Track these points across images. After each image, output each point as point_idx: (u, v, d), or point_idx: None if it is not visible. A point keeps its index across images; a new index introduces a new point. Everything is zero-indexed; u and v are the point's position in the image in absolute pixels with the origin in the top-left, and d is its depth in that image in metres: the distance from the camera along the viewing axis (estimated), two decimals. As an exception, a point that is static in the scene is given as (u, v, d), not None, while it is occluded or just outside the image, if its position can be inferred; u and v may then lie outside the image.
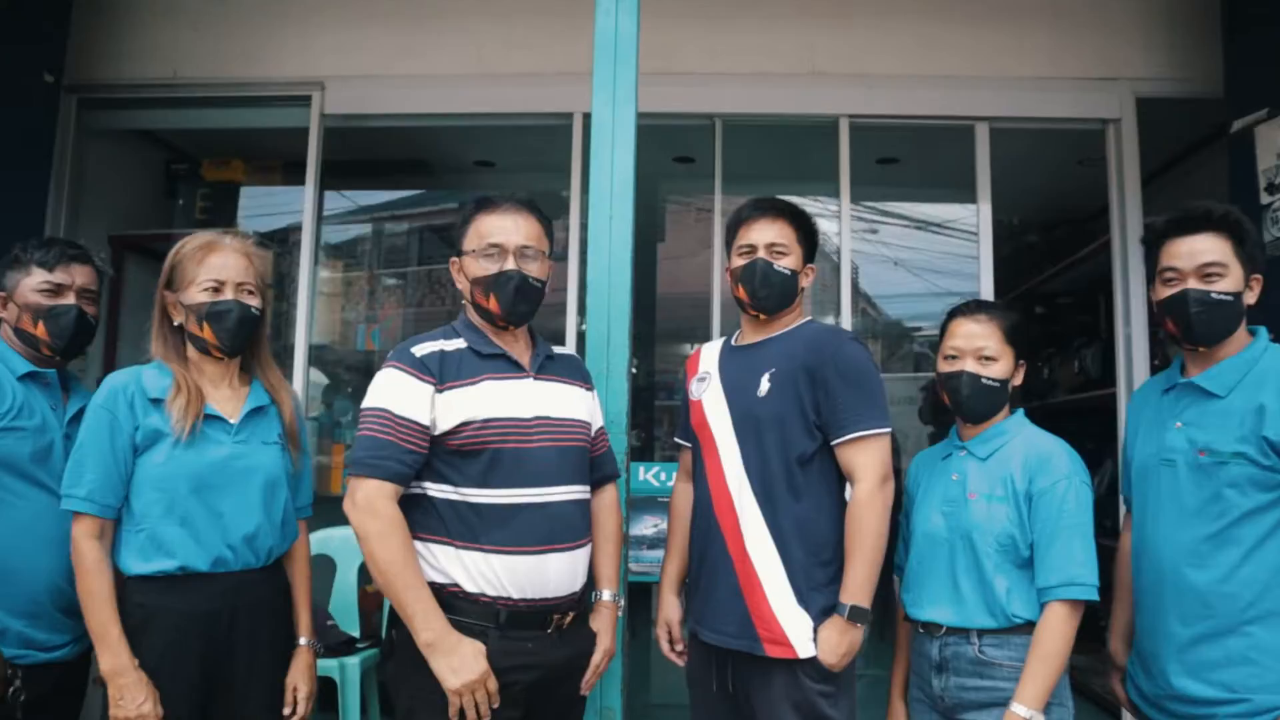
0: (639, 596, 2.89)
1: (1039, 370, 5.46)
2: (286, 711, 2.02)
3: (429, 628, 1.83)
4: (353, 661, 3.25)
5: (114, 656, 1.83)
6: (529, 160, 4.83)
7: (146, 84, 4.08)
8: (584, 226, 2.81)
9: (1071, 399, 4.84)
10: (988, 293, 3.88)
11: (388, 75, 4.01)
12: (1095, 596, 1.88)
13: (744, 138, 4.17)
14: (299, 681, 2.06)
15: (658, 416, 5.44)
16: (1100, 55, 3.92)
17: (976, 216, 3.96)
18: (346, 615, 3.54)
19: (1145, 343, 3.80)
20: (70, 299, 2.11)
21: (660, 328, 5.49)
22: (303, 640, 2.10)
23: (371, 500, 1.85)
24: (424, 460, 1.91)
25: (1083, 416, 4.56)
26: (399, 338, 5.03)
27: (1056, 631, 1.86)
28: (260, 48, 4.03)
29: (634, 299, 2.37)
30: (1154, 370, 3.87)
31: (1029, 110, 3.95)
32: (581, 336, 3.25)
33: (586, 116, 3.12)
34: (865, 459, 2.05)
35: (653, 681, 4.23)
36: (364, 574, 3.75)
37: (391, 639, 1.97)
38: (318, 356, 4.39)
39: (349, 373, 4.79)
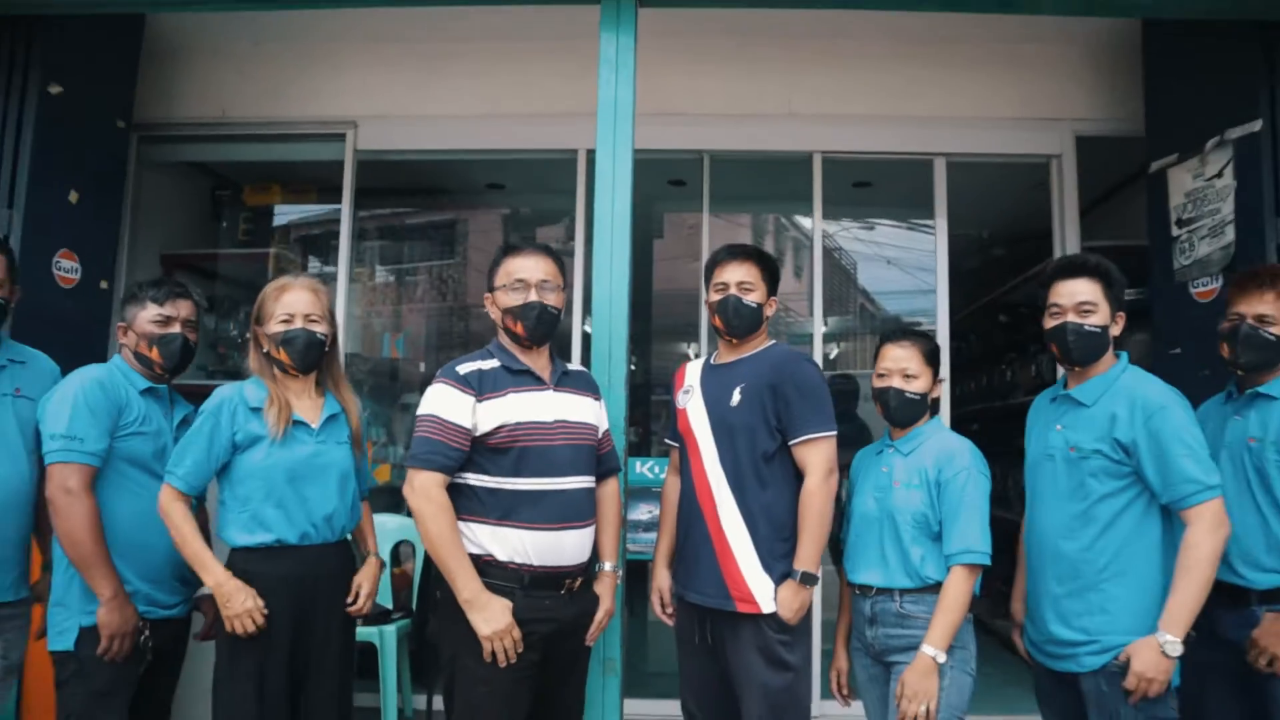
0: (637, 577, 3.36)
1: (1002, 373, 5.99)
2: (348, 600, 2.54)
3: (467, 588, 2.36)
4: (390, 629, 3.79)
5: (213, 573, 2.36)
6: (535, 183, 5.36)
7: (198, 122, 4.59)
8: (588, 240, 3.35)
9: (1028, 399, 5.34)
10: (944, 301, 4.42)
11: (412, 116, 4.52)
12: (988, 561, 2.40)
13: (729, 168, 4.69)
14: (365, 581, 2.60)
15: (654, 411, 5.92)
16: (1044, 98, 4.43)
17: (935, 235, 4.49)
18: (380, 592, 4.06)
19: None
20: (177, 328, 2.62)
21: (656, 324, 5.97)
22: (371, 554, 2.65)
23: (426, 488, 2.38)
24: (467, 456, 2.43)
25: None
26: (420, 344, 5.58)
27: (958, 589, 2.38)
28: (299, 91, 4.53)
29: (631, 309, 2.90)
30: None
31: (980, 147, 4.47)
32: (586, 337, 3.78)
33: (590, 152, 3.67)
34: (815, 456, 2.58)
35: (649, 654, 4.76)
36: (394, 557, 4.29)
37: (436, 598, 2.49)
38: (349, 363, 4.91)
39: (375, 377, 5.30)
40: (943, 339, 4.36)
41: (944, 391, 4.37)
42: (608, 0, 3.16)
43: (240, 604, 2.33)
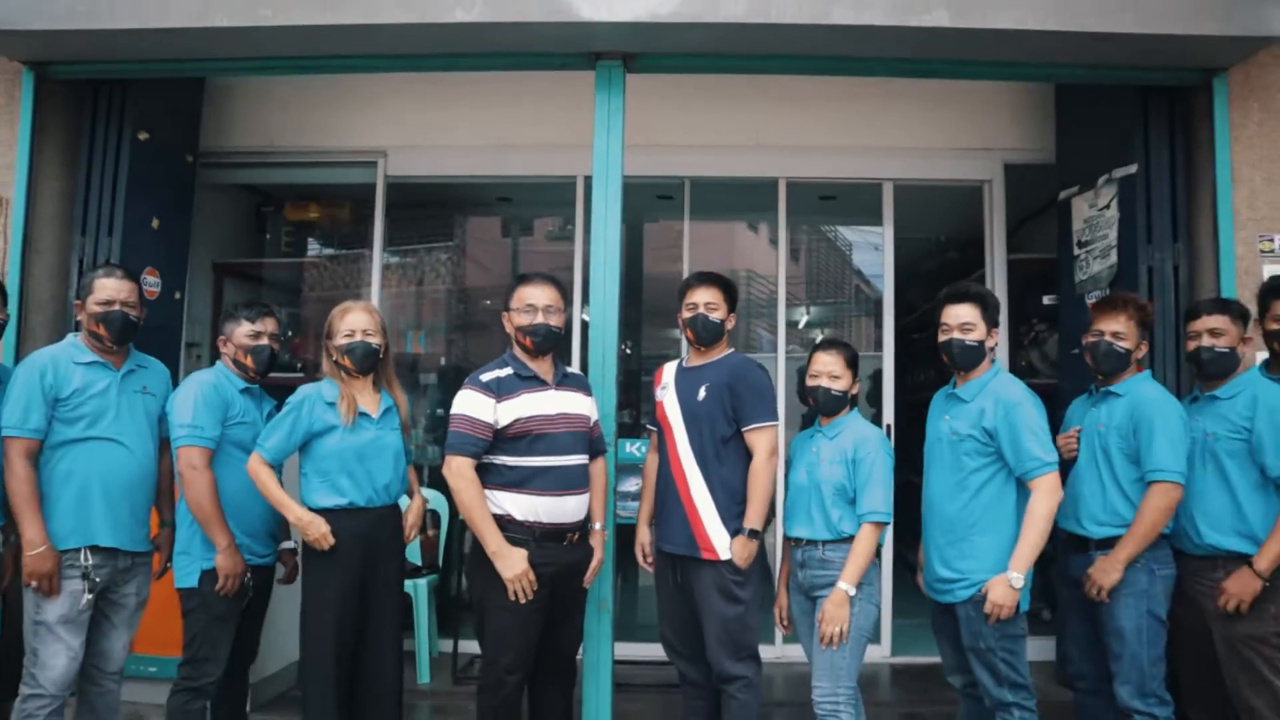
0: (627, 547, 4.03)
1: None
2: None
3: (493, 542, 3.12)
4: (422, 582, 4.58)
5: (295, 511, 3.12)
6: (536, 198, 6.09)
7: (249, 151, 5.32)
8: (586, 245, 4.10)
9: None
10: (889, 299, 5.20)
11: (435, 146, 5.25)
12: (889, 520, 3.17)
13: (707, 188, 5.43)
14: (412, 512, 3.39)
15: (646, 393, 6.62)
16: (978, 132, 5.16)
17: (882, 249, 5.24)
18: (412, 553, 4.83)
19: (1007, 344, 5.08)
20: (265, 341, 3.37)
21: (646, 309, 6.65)
22: (418, 493, 3.45)
23: (460, 468, 3.14)
24: (490, 444, 3.19)
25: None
26: (439, 338, 6.32)
27: (866, 540, 3.14)
28: (337, 124, 5.26)
29: (621, 313, 3.65)
30: (1015, 363, 5.18)
31: (923, 174, 5.22)
32: (584, 324, 4.51)
33: (587, 179, 4.40)
34: (761, 441, 3.34)
35: (638, 610, 5.55)
36: (422, 525, 5.06)
37: (465, 555, 3.26)
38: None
39: (398, 368, 6.02)
40: (888, 330, 5.14)
41: (888, 378, 5.18)
42: (600, 68, 3.92)
43: (316, 530, 3.09)
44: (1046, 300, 5.13)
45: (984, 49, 3.81)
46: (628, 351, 6.48)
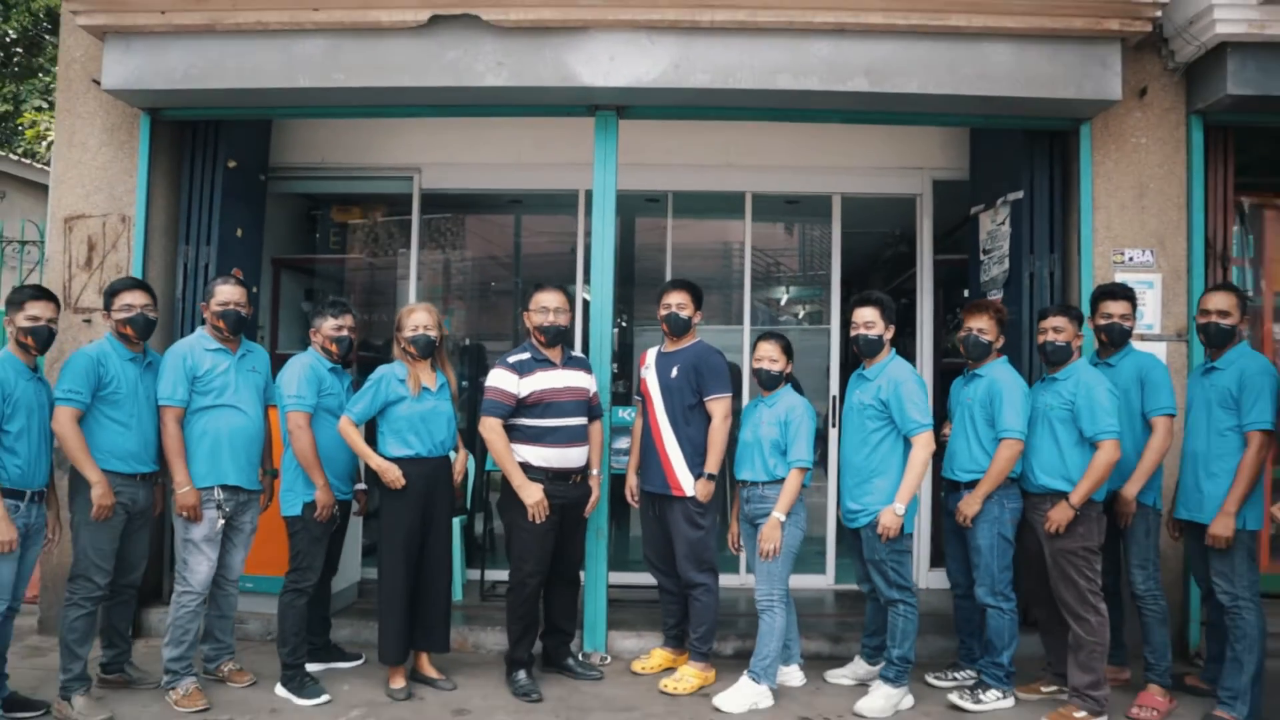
0: (620, 493, 5.12)
1: (902, 345, 7.82)
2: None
3: (517, 478, 4.26)
4: (456, 520, 5.69)
5: (376, 460, 4.21)
6: (544, 201, 7.15)
7: (304, 166, 6.37)
8: (586, 249, 5.18)
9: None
10: (836, 288, 6.29)
11: (463, 163, 6.31)
12: (810, 465, 4.29)
13: (686, 198, 6.51)
14: (459, 462, 4.51)
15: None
16: (911, 154, 6.21)
17: (830, 248, 6.33)
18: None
19: (931, 329, 6.19)
20: (346, 333, 4.46)
21: (636, 292, 7.71)
22: (461, 447, 4.55)
23: (493, 425, 4.27)
24: (514, 410, 4.31)
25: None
26: (465, 322, 7.41)
27: (793, 481, 4.25)
28: (379, 144, 6.31)
29: (614, 305, 4.76)
30: (941, 346, 6.27)
31: (865, 189, 6.29)
32: (585, 302, 5.55)
33: (588, 192, 5.47)
34: (717, 408, 4.47)
35: (629, 548, 6.68)
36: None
37: (490, 497, 4.39)
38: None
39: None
40: (835, 311, 6.23)
41: (834, 353, 6.28)
42: (599, 116, 5.00)
43: (393, 474, 4.20)
44: (966, 294, 6.23)
45: (895, 106, 4.89)
46: (624, 325, 7.54)
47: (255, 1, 4.72)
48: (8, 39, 20.81)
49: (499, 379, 4.34)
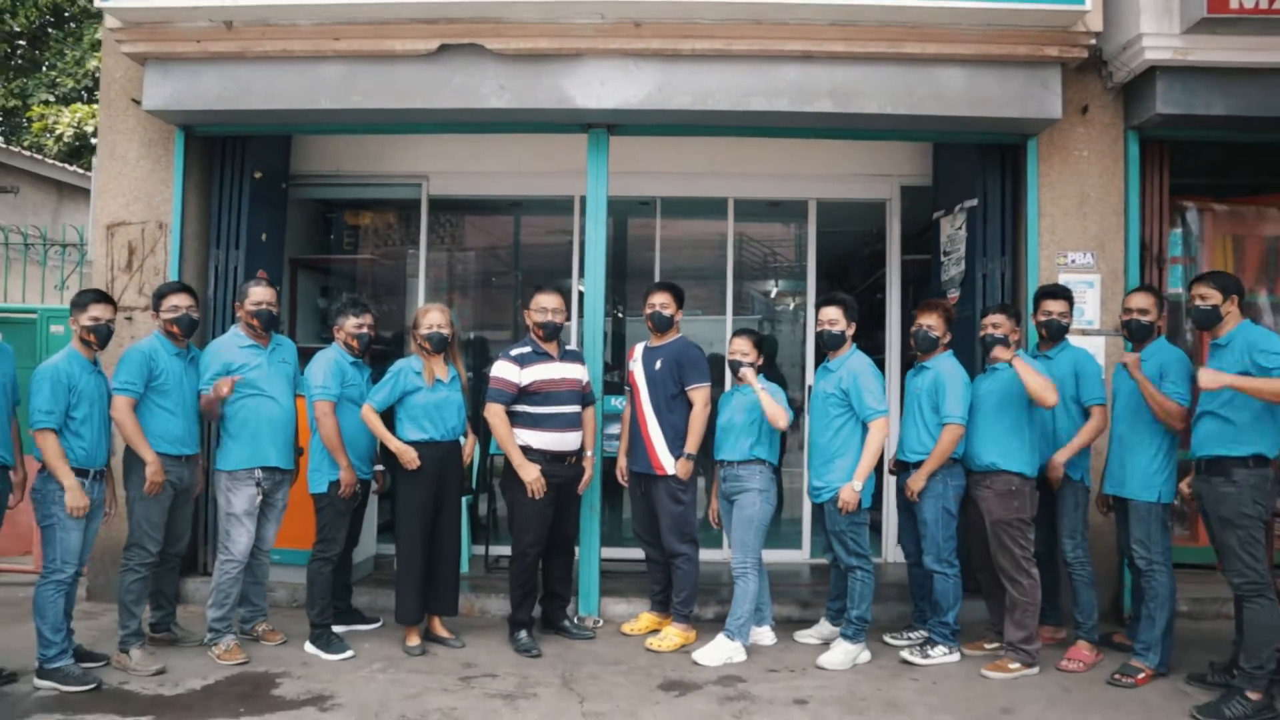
0: (611, 480, 5.67)
1: (874, 338, 8.35)
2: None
3: (517, 458, 4.81)
4: (462, 499, 6.24)
5: (394, 443, 4.74)
6: (543, 205, 7.67)
7: (321, 174, 6.90)
8: (581, 250, 5.70)
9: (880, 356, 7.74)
10: (812, 285, 6.80)
11: (467, 171, 6.83)
12: (776, 460, 4.84)
13: (674, 203, 7.04)
14: (468, 446, 5.05)
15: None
16: (880, 161, 6.73)
17: (806, 250, 6.86)
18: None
19: (899, 322, 6.73)
20: (366, 330, 4.99)
21: (629, 284, 8.24)
22: (470, 433, 5.08)
23: (497, 411, 4.81)
24: (516, 398, 4.85)
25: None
26: (467, 315, 7.94)
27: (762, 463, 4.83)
28: (390, 153, 6.83)
29: (606, 307, 5.30)
30: (909, 338, 6.80)
31: (838, 194, 6.82)
32: (580, 294, 6.08)
33: (582, 198, 6.00)
34: (697, 396, 5.01)
35: (622, 525, 7.23)
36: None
37: (492, 478, 4.95)
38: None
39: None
40: (809, 305, 6.74)
41: (809, 343, 6.80)
42: (591, 134, 5.53)
43: (409, 455, 4.74)
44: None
45: (857, 124, 5.42)
46: (620, 315, 8.06)
47: (281, 31, 5.25)
48: (19, 37, 21.30)
49: (503, 370, 4.88)
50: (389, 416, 4.90)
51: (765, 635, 5.10)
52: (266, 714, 4.01)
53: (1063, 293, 4.97)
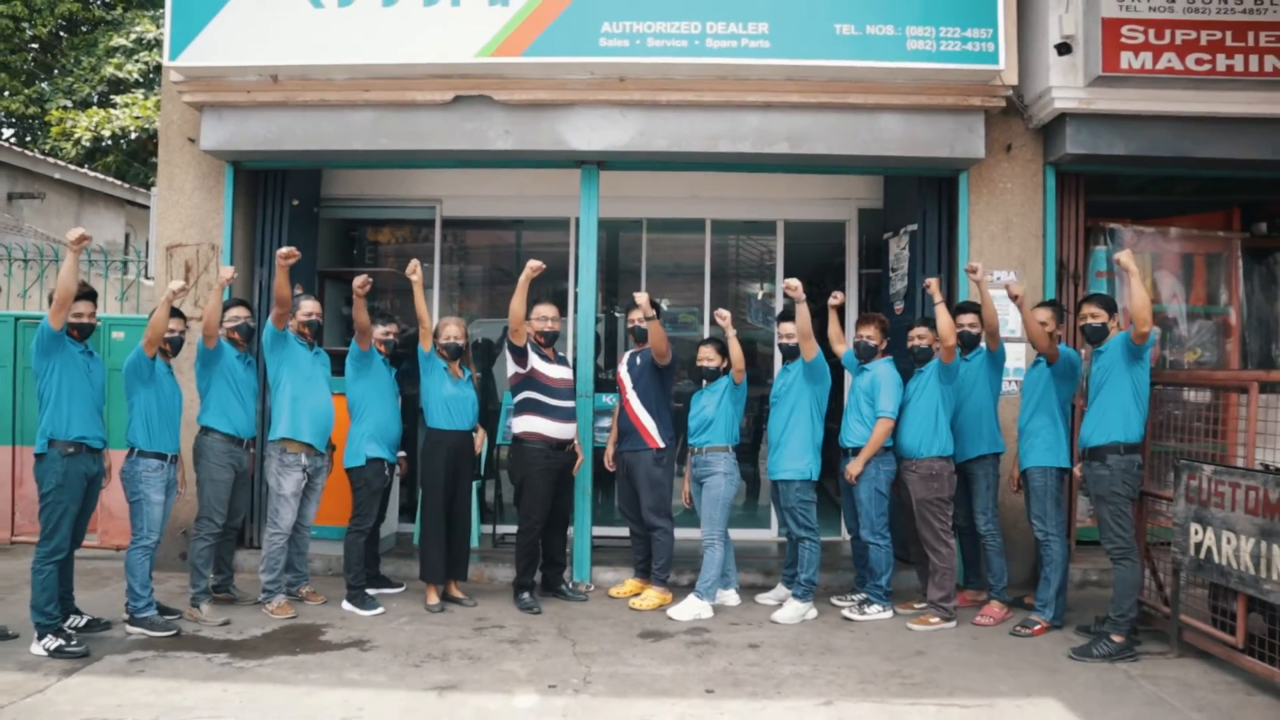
0: (602, 472, 6.60)
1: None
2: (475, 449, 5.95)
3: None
4: (474, 484, 7.17)
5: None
6: (542, 224, 8.58)
7: (346, 198, 7.82)
8: (575, 262, 6.65)
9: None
10: (779, 296, 7.67)
11: (477, 195, 7.76)
12: (736, 442, 5.77)
13: (658, 223, 7.96)
14: (479, 435, 5.99)
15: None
16: (840, 187, 7.64)
17: (776, 261, 7.77)
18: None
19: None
20: (393, 336, 5.92)
21: (620, 277, 9.14)
22: (480, 428, 6.02)
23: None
24: (530, 383, 5.78)
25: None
26: (471, 319, 8.85)
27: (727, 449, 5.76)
28: (408, 181, 7.74)
29: (596, 311, 6.23)
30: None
31: (804, 215, 7.74)
32: (575, 296, 7.01)
33: (576, 219, 6.92)
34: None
35: (611, 508, 8.15)
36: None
37: (510, 458, 5.89)
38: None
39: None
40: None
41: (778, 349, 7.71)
42: (584, 169, 6.44)
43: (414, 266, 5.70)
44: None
45: (810, 162, 6.35)
46: (616, 315, 8.94)
47: (319, 84, 6.17)
48: (33, 43, 22.21)
49: (514, 356, 5.83)
50: (416, 410, 5.83)
51: (731, 597, 6.02)
52: (318, 653, 4.93)
53: (973, 307, 5.83)
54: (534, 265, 5.55)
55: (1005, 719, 4.16)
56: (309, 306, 5.79)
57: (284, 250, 5.44)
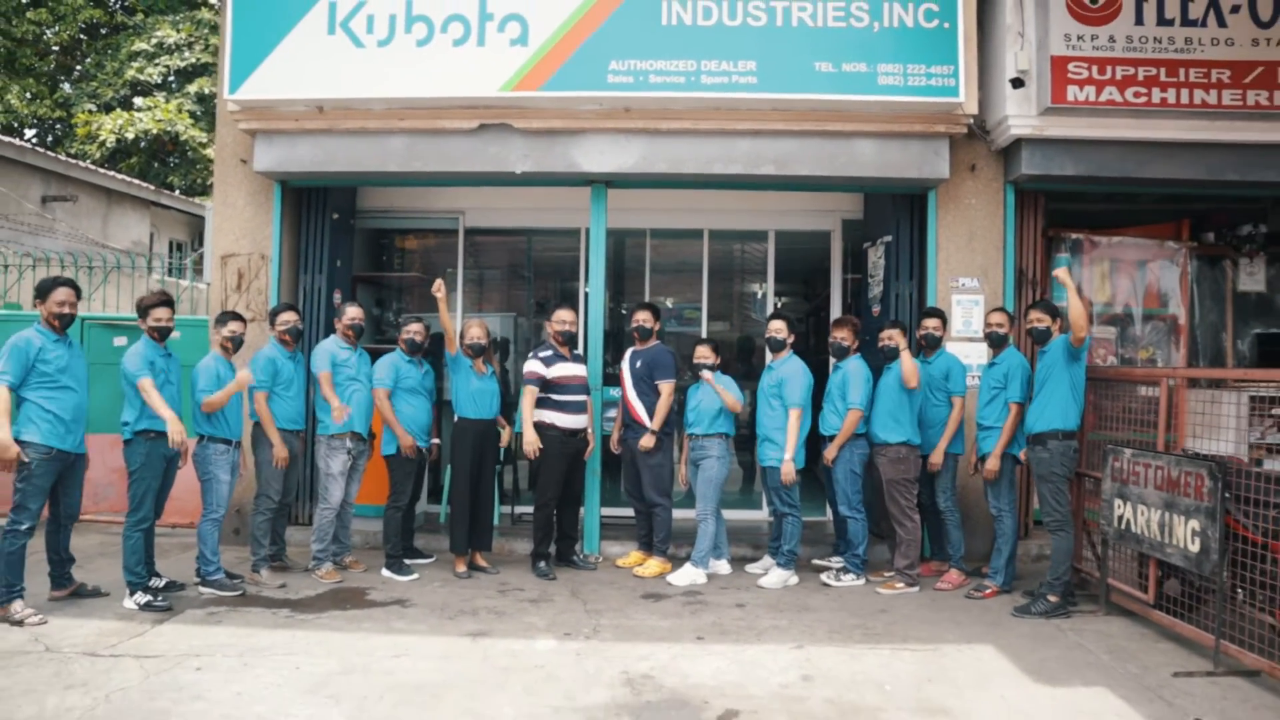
0: (610, 458, 7.42)
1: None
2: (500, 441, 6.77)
3: (529, 432, 6.54)
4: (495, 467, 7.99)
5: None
6: (551, 230, 9.37)
7: (379, 210, 8.63)
8: (587, 268, 7.45)
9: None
10: (771, 298, 8.49)
11: (497, 208, 8.56)
12: (732, 432, 6.56)
13: (661, 233, 8.76)
14: (503, 429, 6.80)
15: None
16: (826, 200, 8.42)
17: (766, 269, 8.56)
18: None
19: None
20: (419, 337, 6.71)
21: (627, 276, 9.97)
22: (506, 428, 6.84)
23: (529, 391, 6.56)
24: (544, 385, 6.57)
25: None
26: (490, 319, 9.66)
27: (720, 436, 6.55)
28: (434, 195, 8.55)
29: (606, 314, 7.04)
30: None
31: (793, 225, 8.53)
32: (586, 295, 7.83)
33: (586, 230, 7.73)
34: (664, 388, 6.74)
35: (620, 496, 8.96)
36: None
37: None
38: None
39: (467, 341, 9.41)
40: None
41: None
42: (594, 188, 7.24)
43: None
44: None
45: (794, 182, 7.15)
46: (624, 312, 9.71)
47: (359, 114, 6.97)
48: (55, 49, 23.07)
49: (534, 366, 6.62)
50: (444, 401, 6.64)
51: (723, 567, 6.82)
52: (366, 609, 5.76)
53: (937, 313, 6.66)
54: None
55: (947, 659, 4.97)
56: (353, 312, 6.61)
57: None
